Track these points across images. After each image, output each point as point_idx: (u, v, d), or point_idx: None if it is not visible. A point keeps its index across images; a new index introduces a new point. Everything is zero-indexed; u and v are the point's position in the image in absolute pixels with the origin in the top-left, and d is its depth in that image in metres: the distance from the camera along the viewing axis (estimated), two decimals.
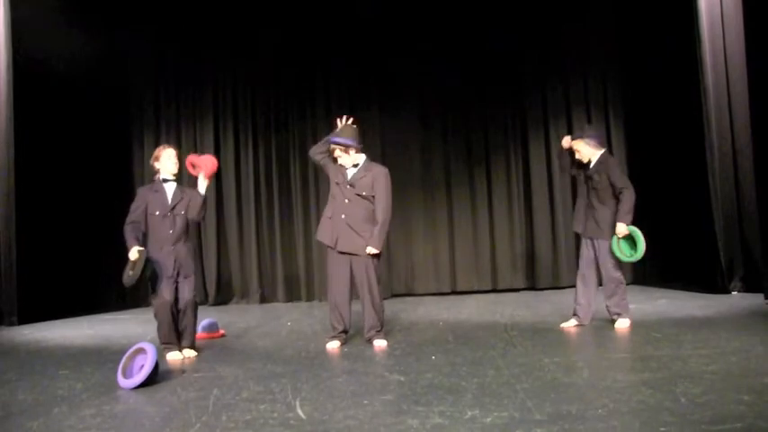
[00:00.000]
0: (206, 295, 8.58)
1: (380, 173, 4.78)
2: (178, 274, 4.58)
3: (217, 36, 8.58)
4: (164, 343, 4.58)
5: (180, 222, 4.63)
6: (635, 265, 8.36)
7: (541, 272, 8.53)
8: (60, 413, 3.06)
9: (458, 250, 8.67)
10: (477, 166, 8.74)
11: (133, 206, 4.65)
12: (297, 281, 8.58)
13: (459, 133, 8.72)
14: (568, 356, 3.85)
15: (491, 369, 3.60)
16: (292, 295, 8.54)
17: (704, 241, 6.76)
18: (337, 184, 4.79)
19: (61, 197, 7.47)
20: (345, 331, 4.78)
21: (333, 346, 4.66)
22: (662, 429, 2.39)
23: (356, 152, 4.81)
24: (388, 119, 8.59)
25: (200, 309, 8.09)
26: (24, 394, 3.50)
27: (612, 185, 4.90)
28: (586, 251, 5.05)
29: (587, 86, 8.66)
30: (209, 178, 4.78)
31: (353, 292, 4.79)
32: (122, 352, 4.78)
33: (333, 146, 4.78)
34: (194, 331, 4.77)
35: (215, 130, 8.73)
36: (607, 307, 5.02)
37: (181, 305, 4.59)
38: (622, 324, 4.90)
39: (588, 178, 5.03)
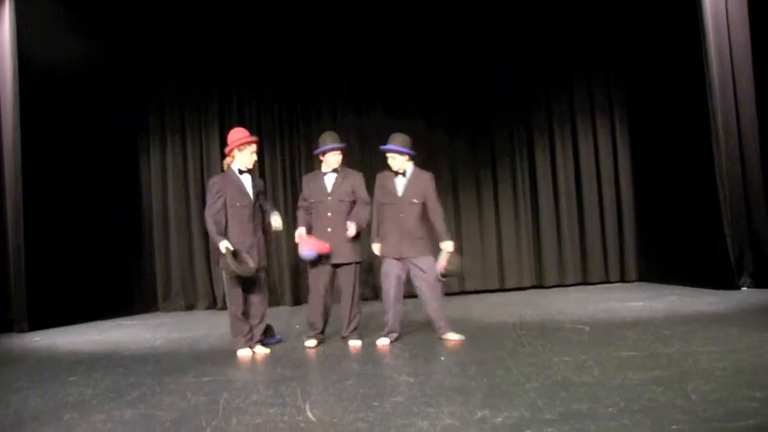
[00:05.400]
0: (214, 299, 8.62)
1: None
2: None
3: (221, 40, 8.59)
4: (235, 336, 4.73)
5: (258, 212, 4.82)
6: (643, 261, 8.41)
7: (548, 270, 8.56)
8: (71, 419, 3.06)
9: (465, 250, 8.65)
10: (482, 167, 8.75)
11: (214, 197, 4.66)
12: (305, 284, 8.57)
13: (464, 135, 8.74)
14: (578, 355, 3.83)
15: (500, 369, 3.59)
16: (300, 299, 8.55)
17: (713, 237, 6.72)
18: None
19: (69, 204, 7.49)
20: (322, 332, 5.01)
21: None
22: (673, 427, 2.37)
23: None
24: (393, 121, 8.58)
25: (209, 313, 8.25)
26: (36, 401, 3.51)
27: (425, 203, 4.78)
28: (397, 271, 4.82)
29: (591, 86, 8.71)
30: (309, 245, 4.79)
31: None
32: (132, 358, 4.82)
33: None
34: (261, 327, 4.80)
35: (221, 134, 8.75)
36: (434, 322, 4.82)
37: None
38: (456, 336, 4.74)
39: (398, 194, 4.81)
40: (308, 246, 4.75)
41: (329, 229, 4.80)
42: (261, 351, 4.73)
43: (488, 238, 8.68)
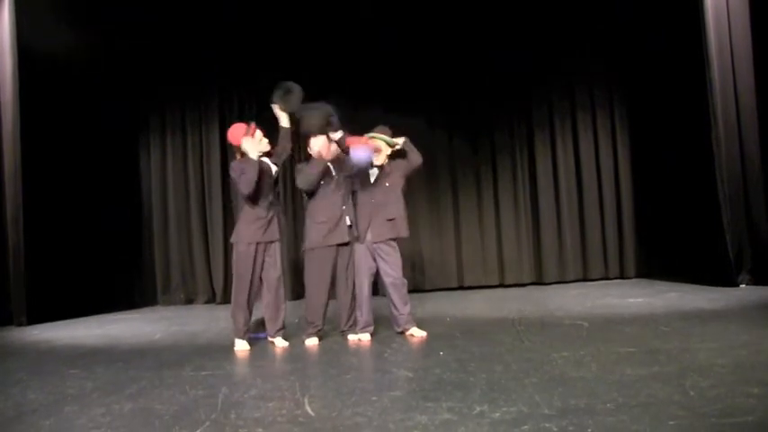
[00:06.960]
0: (213, 294, 8.63)
1: None
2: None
3: (221, 40, 8.55)
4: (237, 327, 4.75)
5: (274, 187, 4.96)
6: (642, 258, 8.41)
7: (548, 266, 8.56)
8: (71, 412, 3.07)
9: (464, 245, 8.68)
10: (483, 163, 8.76)
11: (247, 172, 4.73)
12: (302, 279, 8.58)
13: (464, 133, 8.74)
14: (576, 351, 3.84)
15: (499, 364, 3.60)
16: (299, 293, 8.55)
17: (712, 234, 6.72)
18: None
19: (69, 199, 7.48)
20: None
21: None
22: (671, 423, 2.38)
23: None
24: (393, 120, 8.56)
25: (209, 307, 8.26)
26: (35, 394, 3.52)
27: (402, 175, 5.05)
28: (368, 264, 4.88)
29: (591, 85, 8.69)
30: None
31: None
32: (131, 352, 4.83)
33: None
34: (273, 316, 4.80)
35: (221, 133, 8.73)
36: (398, 317, 4.90)
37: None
38: (421, 333, 4.85)
39: (375, 179, 4.99)
40: (360, 146, 4.79)
41: (344, 207, 4.87)
42: (280, 344, 4.72)
43: (488, 235, 8.69)
